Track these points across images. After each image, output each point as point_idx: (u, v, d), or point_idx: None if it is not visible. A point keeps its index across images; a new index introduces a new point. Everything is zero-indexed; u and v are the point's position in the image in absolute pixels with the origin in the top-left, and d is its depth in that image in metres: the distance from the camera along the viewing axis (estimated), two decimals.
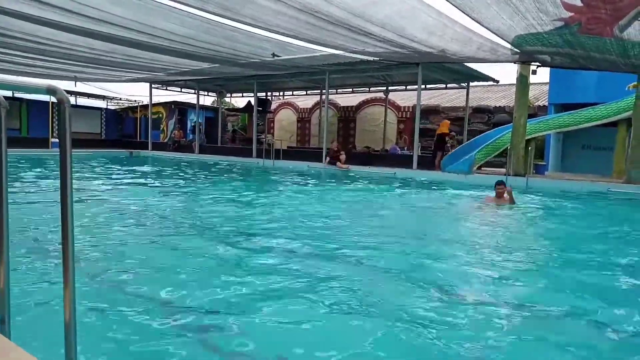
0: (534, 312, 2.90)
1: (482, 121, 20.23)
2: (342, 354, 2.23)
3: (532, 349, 2.42)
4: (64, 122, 1.35)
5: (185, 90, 24.02)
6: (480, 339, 2.44)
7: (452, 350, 2.29)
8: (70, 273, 1.34)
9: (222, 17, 9.32)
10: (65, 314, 1.35)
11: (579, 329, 2.71)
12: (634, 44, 9.10)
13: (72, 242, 1.35)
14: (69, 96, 1.36)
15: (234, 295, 2.96)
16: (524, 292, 3.31)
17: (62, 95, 1.33)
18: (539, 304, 3.03)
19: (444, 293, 3.12)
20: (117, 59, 14.07)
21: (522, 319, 2.80)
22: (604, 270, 4.03)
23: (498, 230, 5.93)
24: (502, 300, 3.07)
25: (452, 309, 2.83)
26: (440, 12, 8.55)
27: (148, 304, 2.80)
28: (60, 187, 1.34)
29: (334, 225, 5.70)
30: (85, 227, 4.84)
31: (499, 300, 3.06)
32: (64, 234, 1.34)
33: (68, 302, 1.35)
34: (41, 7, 8.77)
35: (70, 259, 1.35)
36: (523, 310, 2.91)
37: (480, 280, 3.52)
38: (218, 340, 2.36)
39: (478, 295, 3.17)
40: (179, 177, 11.92)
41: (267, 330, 2.46)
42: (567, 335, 2.61)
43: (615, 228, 6.69)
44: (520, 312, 2.90)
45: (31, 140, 20.88)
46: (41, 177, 10.44)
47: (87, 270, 3.32)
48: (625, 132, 13.03)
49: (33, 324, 2.42)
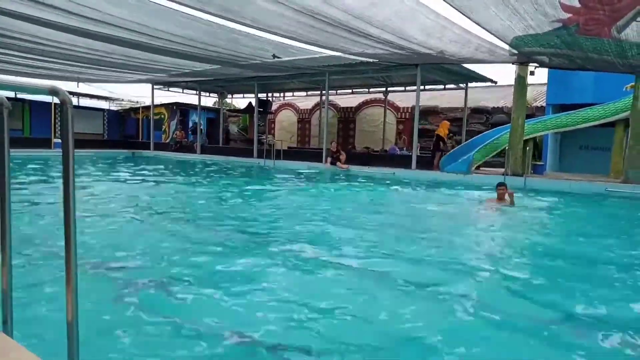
0: (535, 310, 2.96)
1: (480, 121, 20.30)
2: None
3: (527, 347, 2.48)
4: (66, 122, 1.37)
5: (187, 92, 24.14)
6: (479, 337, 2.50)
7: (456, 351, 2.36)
8: (73, 272, 1.35)
9: (223, 19, 9.41)
10: (68, 313, 1.35)
11: (581, 328, 2.75)
12: (632, 45, 9.17)
13: (75, 242, 1.35)
14: (71, 97, 1.39)
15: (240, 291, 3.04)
16: (523, 290, 3.37)
17: (64, 96, 1.36)
18: (540, 303, 3.08)
19: (444, 293, 3.18)
20: (119, 60, 14.17)
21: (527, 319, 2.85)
22: (606, 268, 4.09)
23: (498, 231, 6.01)
24: (507, 299, 3.13)
25: (451, 308, 2.91)
26: (438, 14, 8.63)
27: (154, 299, 2.87)
28: (63, 187, 1.35)
29: (332, 223, 5.77)
30: (87, 226, 4.93)
31: (502, 300, 3.12)
32: (66, 234, 1.34)
33: (70, 301, 1.35)
34: (41, 8, 8.86)
35: (73, 258, 1.35)
36: (526, 309, 2.97)
37: (479, 279, 3.59)
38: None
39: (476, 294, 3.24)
40: (181, 176, 12.02)
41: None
42: (569, 335, 2.66)
43: (613, 227, 6.75)
44: (523, 310, 2.96)
45: (34, 140, 20.99)
46: (43, 177, 10.54)
47: (90, 269, 3.40)
48: (623, 133, 13.08)
49: (35, 324, 2.45)
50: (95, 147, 22.29)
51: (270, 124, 26.68)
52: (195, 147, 22.00)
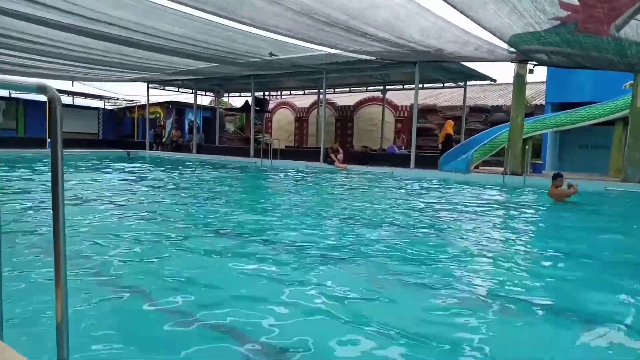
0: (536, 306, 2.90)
1: (479, 120, 20.28)
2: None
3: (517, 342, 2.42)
4: (55, 120, 1.33)
5: (183, 90, 23.98)
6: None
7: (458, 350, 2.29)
8: (62, 273, 1.33)
9: (220, 17, 9.31)
10: (57, 314, 1.34)
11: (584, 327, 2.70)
12: (631, 43, 9.13)
13: (64, 242, 1.34)
14: (60, 95, 1.34)
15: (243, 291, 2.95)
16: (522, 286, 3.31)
17: (53, 93, 1.31)
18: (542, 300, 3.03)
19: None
20: (114, 59, 14.04)
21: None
22: (608, 266, 4.05)
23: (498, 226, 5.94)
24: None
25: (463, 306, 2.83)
26: (437, 15, 8.57)
27: (145, 301, 2.79)
28: (52, 187, 1.33)
29: (330, 221, 5.69)
30: (78, 226, 4.83)
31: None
32: (55, 234, 1.32)
33: (60, 302, 1.34)
34: (36, 7, 8.74)
35: (62, 258, 1.33)
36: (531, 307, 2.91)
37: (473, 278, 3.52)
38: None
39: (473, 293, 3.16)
40: (176, 176, 11.91)
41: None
42: (567, 331, 2.60)
43: (613, 225, 6.72)
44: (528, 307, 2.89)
45: (28, 140, 20.84)
46: (36, 176, 10.40)
47: (80, 270, 3.31)
48: (622, 131, 13.07)
49: (25, 325, 2.40)
50: (90, 146, 22.14)
51: (268, 123, 26.58)
52: (192, 147, 21.89)
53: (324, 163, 16.08)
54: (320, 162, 16.28)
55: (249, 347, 2.22)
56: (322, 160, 16.26)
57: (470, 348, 2.28)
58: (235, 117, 29.79)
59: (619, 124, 13.25)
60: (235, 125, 29.53)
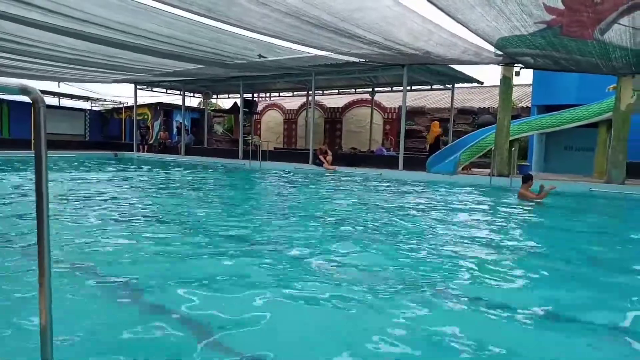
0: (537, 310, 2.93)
1: (466, 122, 20.47)
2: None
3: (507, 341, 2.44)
4: (39, 122, 1.34)
5: (171, 92, 23.81)
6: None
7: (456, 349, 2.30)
8: (47, 275, 1.32)
9: (207, 18, 9.26)
10: (41, 317, 1.33)
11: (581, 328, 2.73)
12: (615, 47, 9.30)
13: (48, 244, 1.33)
14: (44, 96, 1.34)
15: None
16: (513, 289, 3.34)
17: (36, 94, 1.31)
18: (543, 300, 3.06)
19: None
20: (101, 60, 13.88)
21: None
22: (592, 266, 4.11)
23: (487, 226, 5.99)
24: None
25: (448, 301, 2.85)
26: (425, 18, 8.64)
27: (131, 303, 2.76)
28: (36, 189, 1.32)
29: (315, 222, 5.69)
30: (62, 228, 4.77)
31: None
32: (39, 236, 1.32)
33: (44, 305, 1.33)
34: (22, 7, 8.61)
35: (47, 260, 1.32)
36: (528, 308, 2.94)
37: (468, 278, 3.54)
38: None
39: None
40: (163, 178, 11.81)
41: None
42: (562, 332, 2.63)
43: (599, 226, 6.83)
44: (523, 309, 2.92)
45: (13, 142, 20.50)
46: (21, 179, 10.24)
47: (64, 271, 3.27)
48: (606, 133, 13.29)
49: (8, 329, 2.36)
50: (77, 148, 21.86)
51: (256, 125, 26.51)
52: (179, 148, 21.74)
53: (312, 164, 16.12)
54: (309, 164, 16.31)
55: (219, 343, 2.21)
56: (311, 162, 16.32)
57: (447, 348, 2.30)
58: (224, 118, 29.66)
59: (603, 126, 13.47)
60: (223, 127, 29.39)
